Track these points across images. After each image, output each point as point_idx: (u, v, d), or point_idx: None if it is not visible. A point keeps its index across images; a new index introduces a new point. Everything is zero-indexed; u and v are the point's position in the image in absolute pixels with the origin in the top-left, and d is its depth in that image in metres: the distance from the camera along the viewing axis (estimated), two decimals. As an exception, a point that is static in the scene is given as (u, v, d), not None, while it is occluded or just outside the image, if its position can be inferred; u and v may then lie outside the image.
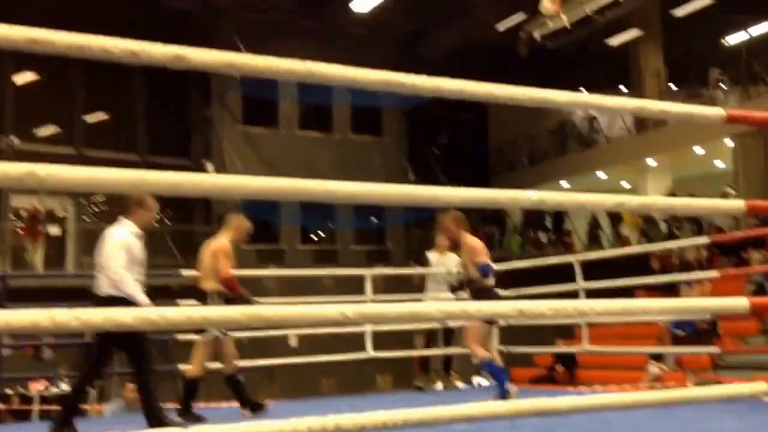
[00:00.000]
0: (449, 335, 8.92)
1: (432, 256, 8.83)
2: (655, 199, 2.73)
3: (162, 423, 5.28)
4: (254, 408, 6.57)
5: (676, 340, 15.22)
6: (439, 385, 8.89)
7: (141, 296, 5.37)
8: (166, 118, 19.85)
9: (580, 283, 8.53)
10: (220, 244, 6.54)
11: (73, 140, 19.16)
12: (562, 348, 13.99)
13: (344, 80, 2.55)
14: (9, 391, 14.87)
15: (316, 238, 21.44)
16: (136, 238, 5.56)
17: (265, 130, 19.73)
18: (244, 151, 18.85)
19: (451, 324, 8.62)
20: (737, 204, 3.08)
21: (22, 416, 13.89)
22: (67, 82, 18.94)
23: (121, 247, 5.41)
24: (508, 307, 2.64)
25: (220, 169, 18.66)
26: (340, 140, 20.41)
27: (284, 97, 19.27)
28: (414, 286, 9.03)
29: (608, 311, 3.05)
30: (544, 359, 16.44)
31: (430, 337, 8.98)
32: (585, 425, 4.80)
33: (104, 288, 5.40)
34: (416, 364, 9.31)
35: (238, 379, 6.62)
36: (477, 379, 10.58)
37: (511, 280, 9.54)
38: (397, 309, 2.59)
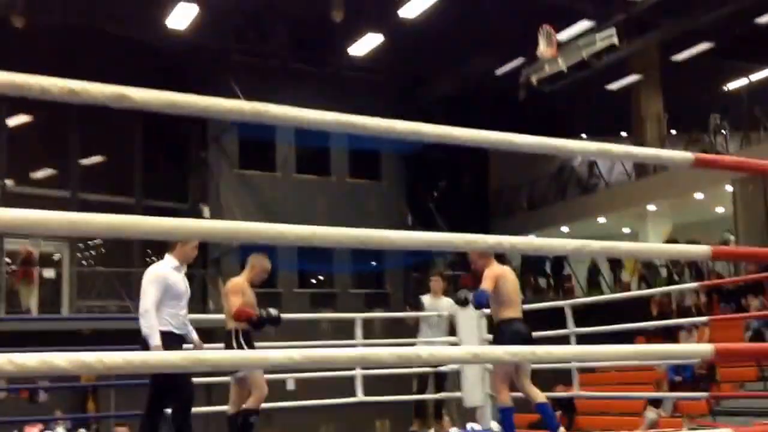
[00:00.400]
0: (441, 379, 8.68)
1: (426, 299, 8.68)
2: (618, 244, 2.70)
3: None
4: None
5: (674, 386, 15.06)
6: (432, 431, 8.63)
7: (155, 337, 5.32)
8: (162, 161, 19.87)
9: (571, 328, 8.36)
10: (231, 282, 6.51)
11: (68, 183, 19.17)
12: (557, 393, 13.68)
13: (294, 121, 2.49)
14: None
15: (314, 282, 21.32)
16: (176, 272, 5.63)
17: (262, 174, 19.73)
18: (240, 194, 18.82)
19: (443, 368, 8.45)
20: (703, 249, 3.07)
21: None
22: (63, 125, 19.01)
23: (153, 281, 5.47)
24: (463, 352, 2.54)
25: (216, 212, 18.61)
26: (338, 184, 20.40)
27: (281, 141, 19.27)
28: (413, 330, 8.87)
29: (567, 357, 2.95)
30: (543, 406, 16.23)
31: (423, 382, 8.71)
32: None
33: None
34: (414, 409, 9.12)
35: (251, 420, 6.44)
36: (471, 425, 10.40)
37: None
38: (346, 353, 2.53)
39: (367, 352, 2.64)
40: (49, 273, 17.73)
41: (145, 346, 5.30)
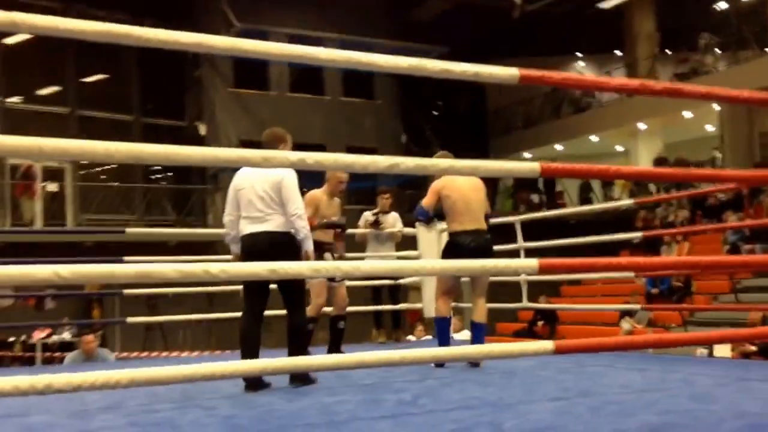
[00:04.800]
0: (395, 291, 8.97)
1: (368, 215, 8.74)
2: (457, 162, 2.75)
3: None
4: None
5: (651, 298, 15.64)
6: (382, 339, 8.94)
7: (311, 242, 5.21)
8: (159, 79, 19.95)
9: (521, 243, 8.60)
10: (308, 195, 6.47)
11: (68, 100, 19.43)
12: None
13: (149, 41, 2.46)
14: (11, 339, 15.68)
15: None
16: None
17: (256, 93, 19.84)
18: (235, 112, 18.97)
19: (400, 281, 8.75)
20: (532, 166, 3.11)
21: (26, 363, 14.55)
22: (62, 42, 19.26)
23: (296, 185, 5.23)
24: (260, 268, 2.67)
25: (212, 130, 18.91)
26: (332, 102, 20.50)
27: (275, 59, 19.41)
28: (400, 243, 8.82)
29: (372, 272, 3.12)
30: (527, 314, 16.88)
31: (377, 294, 9.00)
32: (490, 380, 4.97)
33: (279, 226, 5.16)
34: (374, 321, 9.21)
35: (339, 325, 6.78)
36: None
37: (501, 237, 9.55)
38: (253, 268, 2.83)
39: (276, 266, 2.72)
40: (52, 187, 18.18)
41: (284, 249, 5.05)
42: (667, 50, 22.23)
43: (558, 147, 22.58)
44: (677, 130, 21.38)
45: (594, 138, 22.01)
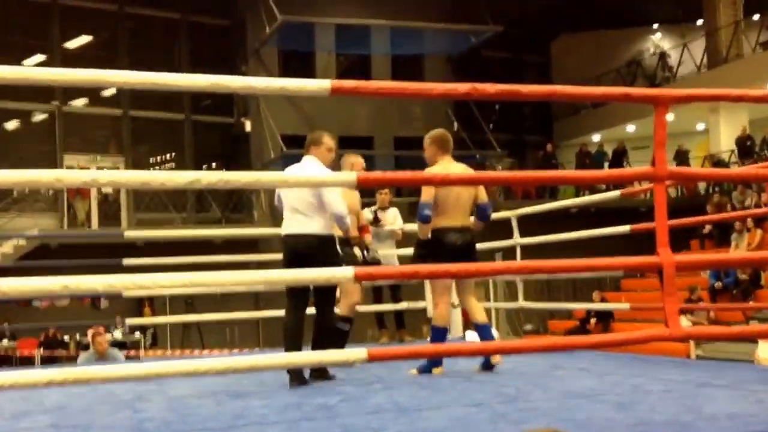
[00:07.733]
0: (396, 290, 8.51)
1: (368, 212, 8.17)
2: (261, 174, 3.30)
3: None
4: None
5: (714, 292, 14.33)
6: (384, 339, 8.49)
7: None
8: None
9: (517, 239, 7.82)
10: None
11: (120, 102, 19.58)
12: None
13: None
14: (66, 338, 16.09)
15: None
16: None
17: (303, 84, 19.39)
18: (280, 106, 18.48)
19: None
20: (350, 177, 3.16)
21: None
22: (115, 45, 19.40)
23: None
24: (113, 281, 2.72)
25: (257, 126, 18.57)
26: (380, 91, 19.80)
27: (321, 50, 18.85)
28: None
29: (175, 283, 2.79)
30: (581, 312, 15.93)
31: (377, 293, 8.66)
32: (436, 383, 4.86)
33: (320, 228, 5.06)
34: (376, 321, 8.89)
35: (341, 326, 6.21)
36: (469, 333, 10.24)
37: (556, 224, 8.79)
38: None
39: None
40: (107, 188, 18.42)
41: (331, 255, 5.04)
42: (752, 15, 20.47)
43: (629, 128, 21.13)
44: (766, 105, 19.56)
45: (670, 116, 20.38)
